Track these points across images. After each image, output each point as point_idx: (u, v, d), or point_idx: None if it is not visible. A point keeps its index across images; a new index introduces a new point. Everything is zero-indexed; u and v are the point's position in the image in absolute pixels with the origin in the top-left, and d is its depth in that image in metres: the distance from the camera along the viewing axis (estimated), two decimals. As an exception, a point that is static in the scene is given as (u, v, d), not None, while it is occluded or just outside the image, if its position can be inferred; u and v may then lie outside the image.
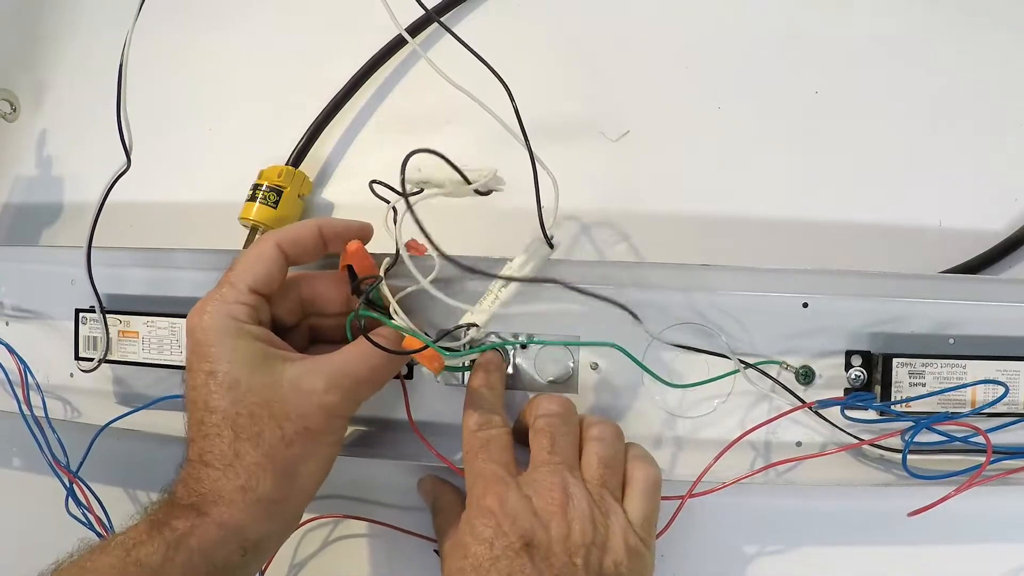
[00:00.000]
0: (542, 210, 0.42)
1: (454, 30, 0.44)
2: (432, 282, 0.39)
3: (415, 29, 0.60)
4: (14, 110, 0.71)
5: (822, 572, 0.48)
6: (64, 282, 0.57)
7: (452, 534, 0.43)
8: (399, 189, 0.39)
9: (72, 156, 0.69)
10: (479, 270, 0.40)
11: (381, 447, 0.50)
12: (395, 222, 0.41)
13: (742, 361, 0.45)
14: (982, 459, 0.41)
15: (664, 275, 0.46)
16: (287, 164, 0.59)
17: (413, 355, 0.42)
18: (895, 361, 0.44)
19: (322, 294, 0.46)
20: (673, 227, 0.54)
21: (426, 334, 0.43)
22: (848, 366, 0.46)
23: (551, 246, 0.43)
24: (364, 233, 0.46)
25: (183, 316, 0.51)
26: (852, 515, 0.47)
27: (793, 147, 0.54)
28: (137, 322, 0.53)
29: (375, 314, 0.42)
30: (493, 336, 0.48)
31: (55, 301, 0.58)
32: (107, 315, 0.53)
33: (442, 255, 0.39)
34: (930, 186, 0.52)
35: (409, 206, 0.38)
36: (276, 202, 0.57)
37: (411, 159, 0.39)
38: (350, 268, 0.44)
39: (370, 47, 0.60)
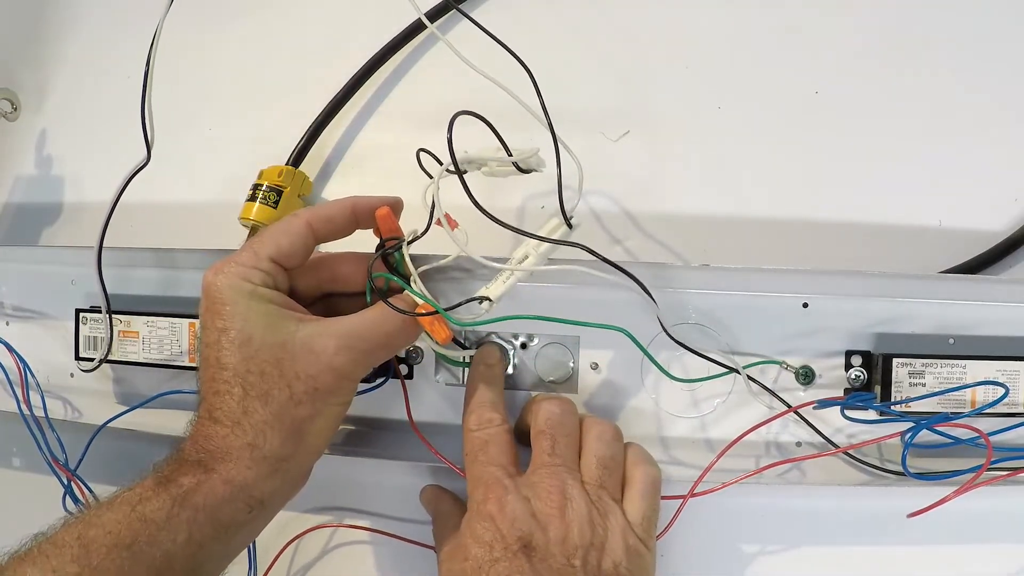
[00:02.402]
0: (563, 192, 0.42)
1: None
2: (457, 260, 0.41)
3: (417, 28, 0.60)
4: (15, 109, 0.71)
5: (822, 572, 0.48)
6: (64, 282, 0.57)
7: (452, 538, 0.43)
8: (442, 161, 0.41)
9: (72, 156, 0.69)
10: (511, 226, 0.41)
11: (381, 447, 0.50)
12: (435, 192, 0.42)
13: (750, 376, 0.45)
14: (982, 460, 0.41)
15: (664, 275, 0.46)
16: (287, 164, 0.59)
17: (420, 318, 0.42)
18: (895, 361, 0.44)
19: (345, 274, 0.45)
20: (673, 227, 0.54)
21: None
22: (848, 366, 0.46)
23: (569, 225, 0.43)
24: (394, 203, 0.45)
25: (184, 316, 0.52)
26: (852, 515, 0.47)
27: (793, 147, 0.54)
28: (138, 322, 0.53)
29: (394, 277, 0.43)
30: (493, 336, 0.49)
31: (55, 301, 0.58)
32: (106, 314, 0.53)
33: (489, 216, 0.40)
34: (930, 186, 0.52)
35: (458, 170, 0.40)
36: (276, 202, 0.57)
37: (454, 137, 0.40)
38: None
39: (370, 47, 0.60)
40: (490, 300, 0.42)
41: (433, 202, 0.41)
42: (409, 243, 0.43)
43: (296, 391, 0.40)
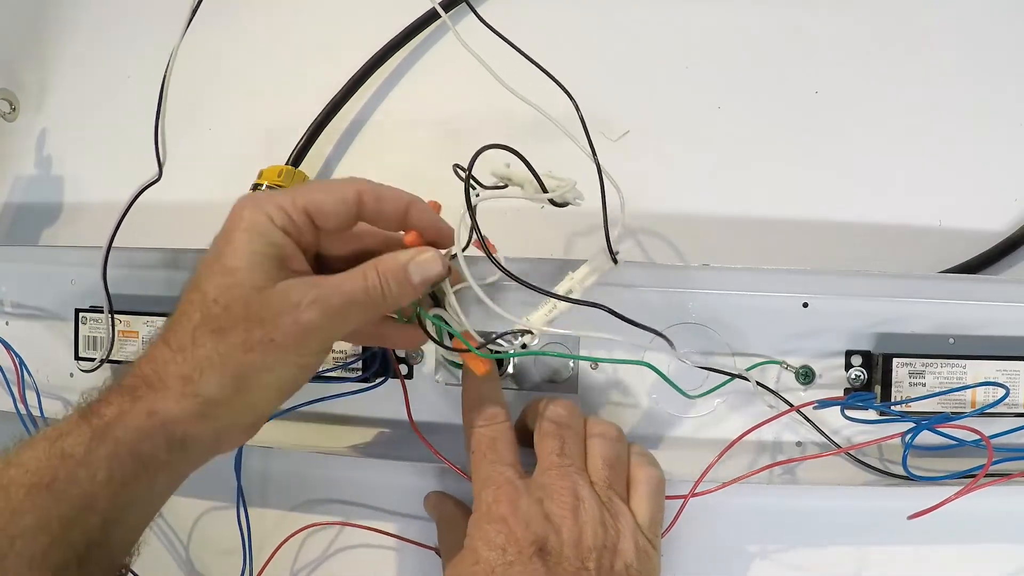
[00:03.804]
0: (608, 223, 0.40)
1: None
2: (489, 284, 0.40)
3: (417, 27, 0.60)
4: (14, 110, 0.71)
5: (822, 572, 0.48)
6: (64, 282, 0.57)
7: (457, 542, 0.42)
8: (479, 183, 0.39)
9: (72, 156, 0.69)
10: (528, 283, 0.39)
11: (381, 447, 0.50)
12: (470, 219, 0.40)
13: (760, 384, 0.44)
14: (982, 460, 0.41)
15: (664, 275, 0.46)
16: (287, 164, 0.59)
17: (463, 354, 0.41)
18: (895, 361, 0.44)
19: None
20: (673, 227, 0.54)
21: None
22: (848, 366, 0.46)
23: (615, 261, 0.42)
24: (444, 237, 0.42)
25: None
26: (852, 515, 0.47)
27: (793, 147, 0.54)
28: (137, 322, 0.53)
29: (439, 322, 0.41)
30: (493, 335, 0.48)
31: (55, 301, 0.58)
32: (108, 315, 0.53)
33: (499, 264, 0.39)
34: (930, 186, 0.52)
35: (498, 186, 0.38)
36: (276, 202, 0.57)
37: (487, 154, 0.38)
38: None
39: (370, 46, 0.60)
40: (532, 334, 0.41)
41: (472, 224, 0.39)
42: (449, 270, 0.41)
43: (252, 336, 0.37)
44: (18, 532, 0.35)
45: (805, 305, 0.46)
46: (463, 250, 0.40)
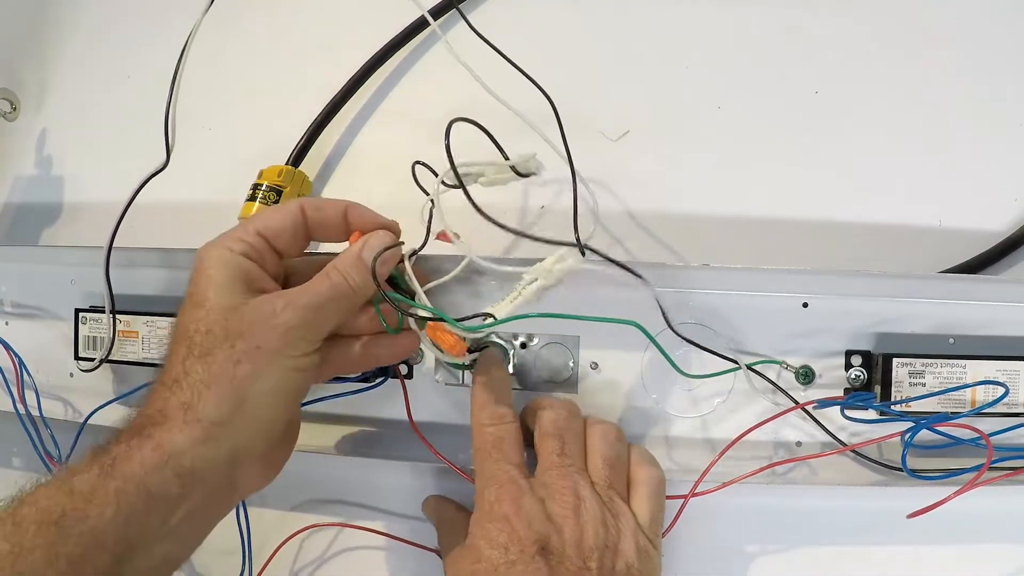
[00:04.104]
0: (578, 217, 0.42)
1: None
2: (457, 277, 0.41)
3: (413, 31, 0.60)
4: (14, 109, 0.71)
5: (822, 572, 0.48)
6: (64, 282, 0.57)
7: (458, 544, 0.42)
8: (438, 173, 0.41)
9: (72, 156, 0.69)
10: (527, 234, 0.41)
11: (381, 447, 0.50)
12: (431, 207, 0.42)
13: (750, 367, 0.45)
14: (982, 459, 0.41)
15: (665, 275, 0.46)
16: (287, 164, 0.59)
17: (428, 327, 0.42)
18: (895, 361, 0.44)
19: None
20: (673, 227, 0.54)
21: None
22: (848, 366, 0.46)
23: (582, 252, 0.42)
24: (388, 227, 0.44)
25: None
26: (852, 515, 0.47)
27: (793, 147, 0.54)
28: (137, 322, 0.53)
29: (397, 296, 0.42)
30: (493, 336, 0.48)
31: (55, 301, 0.58)
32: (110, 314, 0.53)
33: (503, 227, 0.41)
34: (930, 186, 0.52)
35: (460, 183, 0.41)
36: (276, 202, 0.57)
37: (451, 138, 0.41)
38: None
39: (370, 47, 0.60)
40: (494, 318, 0.41)
41: (431, 215, 0.42)
42: (410, 257, 0.43)
43: (238, 349, 0.38)
44: (27, 568, 0.35)
45: (805, 305, 0.46)
46: (422, 247, 0.43)
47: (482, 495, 0.41)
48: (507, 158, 0.42)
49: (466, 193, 0.41)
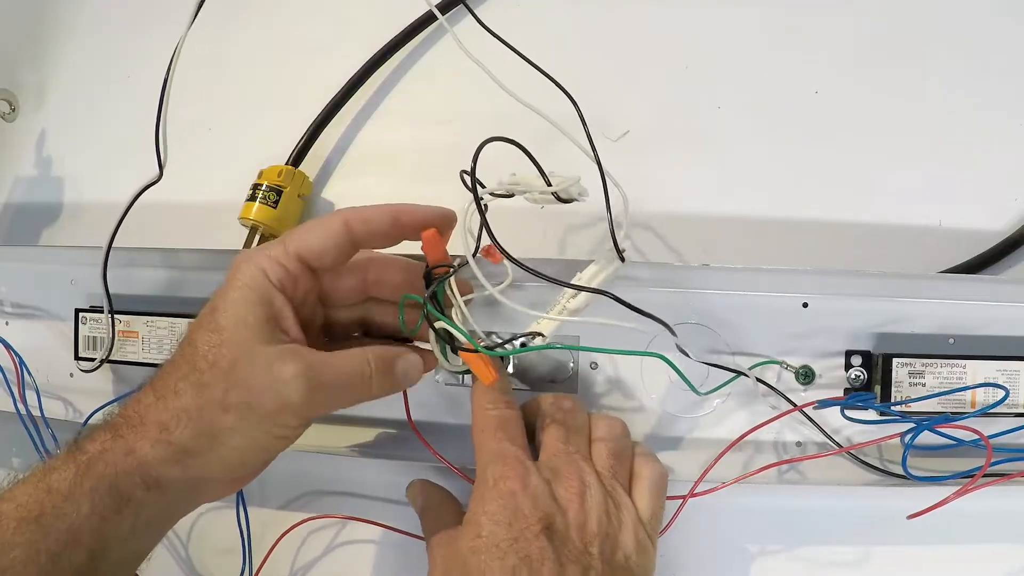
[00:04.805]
0: (613, 222, 0.40)
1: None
2: (501, 291, 0.39)
3: (417, 28, 0.60)
4: (13, 110, 0.71)
5: (822, 572, 0.48)
6: (64, 282, 0.57)
7: (447, 527, 0.42)
8: (481, 185, 0.39)
9: (72, 156, 0.69)
10: (547, 275, 0.39)
11: (381, 447, 0.50)
12: (479, 221, 0.40)
13: (759, 379, 0.44)
14: (982, 460, 0.41)
15: (664, 275, 0.46)
16: (287, 164, 0.59)
17: (469, 361, 0.41)
18: (895, 361, 0.44)
19: (392, 283, 0.44)
20: (673, 227, 0.54)
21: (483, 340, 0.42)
22: (848, 366, 0.46)
23: (622, 259, 0.41)
24: (444, 220, 0.42)
25: (183, 316, 0.52)
26: (852, 515, 0.47)
27: (793, 147, 0.54)
28: (137, 322, 0.53)
29: (436, 312, 0.41)
30: (494, 336, 0.48)
31: (55, 301, 0.58)
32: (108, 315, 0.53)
33: (516, 262, 0.39)
34: (930, 186, 0.52)
35: (479, 205, 0.38)
36: (276, 202, 0.57)
37: (493, 163, 0.39)
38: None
39: (370, 46, 0.60)
40: (543, 336, 0.41)
41: (479, 231, 0.40)
42: (455, 271, 0.41)
43: (230, 397, 0.37)
44: (8, 565, 0.35)
45: (805, 305, 0.46)
46: (462, 265, 0.41)
47: (485, 471, 0.40)
48: (549, 183, 0.39)
49: (485, 223, 0.39)
